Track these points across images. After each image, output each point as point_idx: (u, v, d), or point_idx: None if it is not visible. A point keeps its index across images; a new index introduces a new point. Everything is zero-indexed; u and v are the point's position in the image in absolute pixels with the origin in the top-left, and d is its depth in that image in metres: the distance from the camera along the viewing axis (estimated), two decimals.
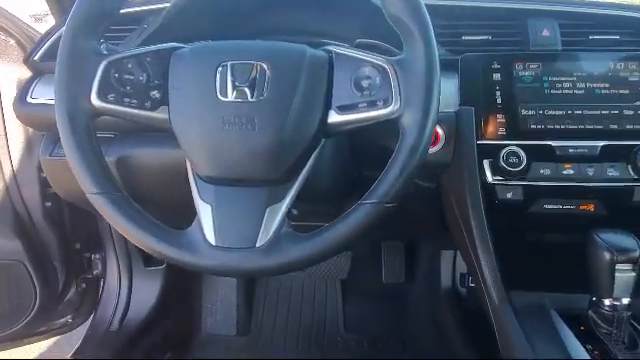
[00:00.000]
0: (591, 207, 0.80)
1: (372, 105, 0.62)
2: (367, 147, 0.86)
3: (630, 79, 0.81)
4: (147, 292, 1.42)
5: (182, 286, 1.52)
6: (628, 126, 0.78)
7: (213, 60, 0.63)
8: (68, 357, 1.32)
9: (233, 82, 0.62)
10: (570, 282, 0.75)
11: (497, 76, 0.82)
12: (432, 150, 0.82)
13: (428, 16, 0.62)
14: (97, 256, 1.43)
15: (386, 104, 0.61)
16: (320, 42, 1.05)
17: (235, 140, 0.61)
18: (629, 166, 0.76)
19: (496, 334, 0.74)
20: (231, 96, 0.61)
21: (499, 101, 0.81)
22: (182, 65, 0.64)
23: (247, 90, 0.61)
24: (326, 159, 0.80)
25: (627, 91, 0.80)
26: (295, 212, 1.05)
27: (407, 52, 0.63)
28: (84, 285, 1.40)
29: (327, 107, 0.64)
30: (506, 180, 0.78)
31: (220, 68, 0.62)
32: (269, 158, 0.62)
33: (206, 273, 0.64)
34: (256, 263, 0.60)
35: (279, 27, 1.04)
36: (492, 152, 0.78)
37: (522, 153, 0.77)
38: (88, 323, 1.42)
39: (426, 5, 0.90)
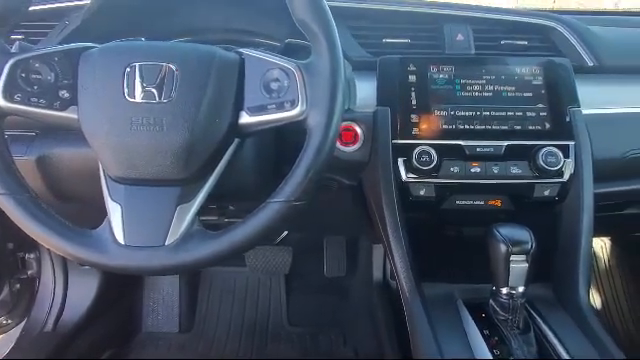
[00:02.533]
0: (498, 203, 0.85)
1: (280, 107, 0.64)
2: (291, 145, 0.89)
3: (534, 83, 0.86)
4: (84, 291, 1.40)
5: (121, 285, 1.51)
6: (530, 127, 0.84)
7: (121, 61, 0.63)
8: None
9: (141, 83, 0.62)
10: (478, 273, 0.80)
11: (412, 78, 0.86)
12: (351, 149, 0.86)
13: (333, 21, 0.65)
14: (31, 256, 1.40)
15: (293, 106, 0.64)
16: (250, 42, 1.07)
17: (144, 141, 0.62)
18: (530, 164, 0.82)
19: (407, 324, 0.79)
20: (139, 97, 0.62)
21: (414, 102, 0.85)
22: (90, 65, 0.64)
23: (155, 91, 0.62)
24: (247, 158, 0.82)
25: (531, 94, 0.86)
26: (232, 208, 1.07)
27: (313, 56, 0.65)
28: (18, 285, 1.38)
29: (238, 108, 0.66)
30: (419, 178, 0.82)
31: (128, 69, 0.63)
32: (178, 158, 0.63)
33: (115, 272, 0.65)
34: (164, 261, 0.62)
35: (208, 26, 1.05)
36: (406, 151, 0.81)
37: (433, 152, 0.81)
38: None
39: (350, 8, 0.95)
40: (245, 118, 0.66)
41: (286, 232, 1.58)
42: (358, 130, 0.85)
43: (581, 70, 0.89)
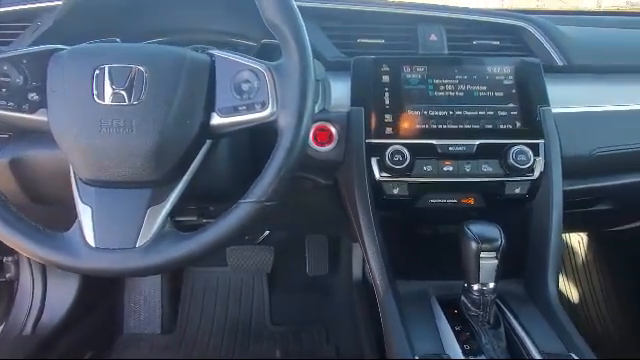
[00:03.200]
0: (471, 200, 0.87)
1: (251, 108, 0.65)
2: (266, 145, 0.89)
3: (505, 82, 0.88)
4: (63, 293, 1.39)
5: (102, 286, 1.50)
6: (501, 126, 0.85)
7: (90, 63, 0.63)
8: None
9: (110, 85, 0.62)
10: (451, 270, 0.81)
11: (386, 78, 0.87)
12: (326, 149, 0.86)
13: (302, 22, 0.66)
14: (9, 259, 1.39)
15: (264, 107, 0.64)
16: (227, 42, 1.07)
17: (113, 143, 0.62)
18: (501, 163, 0.83)
19: (381, 322, 0.80)
20: (108, 99, 0.62)
21: (387, 102, 0.86)
22: (59, 67, 0.64)
23: (124, 93, 0.62)
24: (222, 159, 0.82)
25: (502, 93, 0.87)
26: (212, 209, 1.07)
27: (283, 57, 0.66)
28: None
29: (209, 110, 0.66)
30: (392, 177, 0.83)
31: (97, 71, 0.63)
32: (149, 160, 0.63)
33: (87, 274, 0.65)
34: (134, 263, 0.62)
35: (184, 26, 1.05)
36: (379, 150, 0.82)
37: (406, 151, 0.81)
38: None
39: (324, 8, 0.95)
40: (216, 119, 0.66)
41: (267, 232, 1.59)
42: (333, 130, 0.86)
43: (551, 70, 0.91)
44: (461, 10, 0.96)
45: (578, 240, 1.80)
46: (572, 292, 1.74)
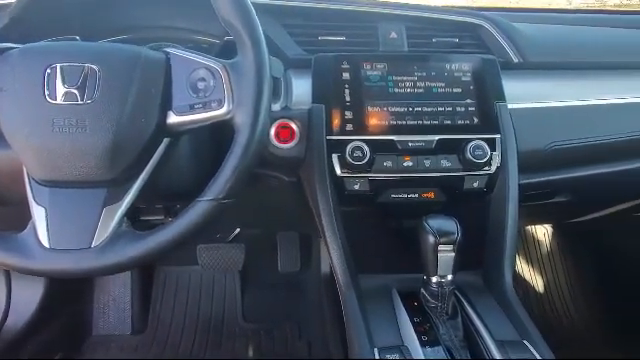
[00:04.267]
0: (432, 195, 0.89)
1: (207, 106, 0.65)
2: (230, 142, 0.89)
3: (463, 79, 0.90)
4: (28, 295, 1.36)
5: (69, 287, 1.48)
6: (459, 122, 0.87)
7: (41, 62, 0.62)
8: None
9: (62, 84, 0.62)
10: (413, 263, 0.83)
11: (346, 75, 0.88)
12: (288, 146, 0.87)
13: (257, 20, 0.66)
14: None
15: (220, 105, 0.65)
16: (190, 39, 1.07)
17: (67, 143, 0.62)
18: (459, 157, 0.85)
19: (344, 316, 0.81)
20: (60, 98, 0.62)
21: (348, 99, 0.87)
22: (10, 67, 0.63)
23: (77, 92, 0.62)
24: (183, 156, 0.82)
25: (460, 90, 0.89)
26: (179, 206, 1.07)
27: (239, 55, 0.66)
28: None
29: (165, 108, 0.66)
30: (353, 173, 0.84)
31: (49, 70, 0.62)
32: (103, 160, 0.63)
33: (41, 276, 0.64)
34: (90, 263, 0.62)
35: (146, 24, 1.04)
36: (340, 147, 0.83)
37: (366, 147, 0.83)
38: None
39: (285, 6, 0.96)
40: (173, 118, 0.66)
41: (238, 229, 1.59)
42: (294, 127, 0.86)
43: (507, 66, 0.93)
44: (421, 8, 0.98)
45: (543, 232, 1.86)
46: (538, 282, 1.79)
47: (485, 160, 0.84)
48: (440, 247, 0.74)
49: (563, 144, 0.92)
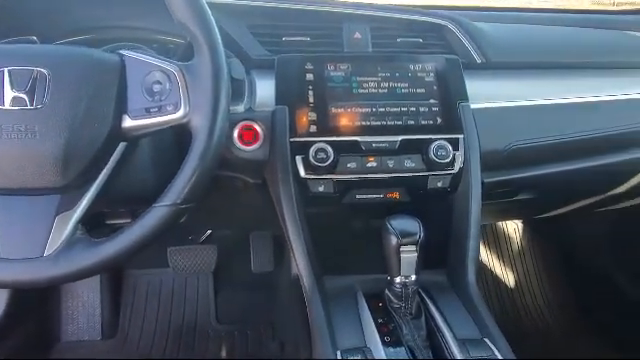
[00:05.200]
0: (396, 195, 0.89)
1: (163, 110, 0.64)
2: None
3: (426, 79, 0.90)
4: None
5: (35, 294, 1.44)
6: (423, 122, 0.88)
7: None
8: None
9: (10, 89, 0.60)
10: (379, 264, 0.83)
11: (310, 76, 0.88)
12: (252, 148, 0.86)
13: (213, 22, 0.65)
14: None
15: (176, 109, 0.64)
16: (154, 39, 1.05)
17: (16, 149, 0.60)
18: (423, 158, 0.86)
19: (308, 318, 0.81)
20: (8, 104, 0.60)
21: (311, 100, 0.86)
22: None
23: (26, 97, 0.60)
24: (144, 160, 0.80)
25: (423, 90, 0.89)
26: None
27: (195, 58, 0.65)
28: None
29: (120, 112, 0.64)
30: (317, 174, 0.83)
31: None
32: (55, 166, 0.61)
33: None
34: (43, 273, 0.60)
35: (108, 24, 1.01)
36: (303, 149, 0.83)
37: (330, 149, 0.82)
38: None
39: (249, 6, 0.95)
40: (128, 122, 0.65)
41: (209, 231, 1.57)
42: (258, 129, 0.86)
43: (470, 66, 0.94)
44: (385, 8, 0.98)
45: (514, 228, 1.89)
46: (509, 277, 1.82)
47: (448, 160, 0.85)
48: (402, 248, 0.75)
49: (525, 143, 0.93)
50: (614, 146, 1.00)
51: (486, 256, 1.84)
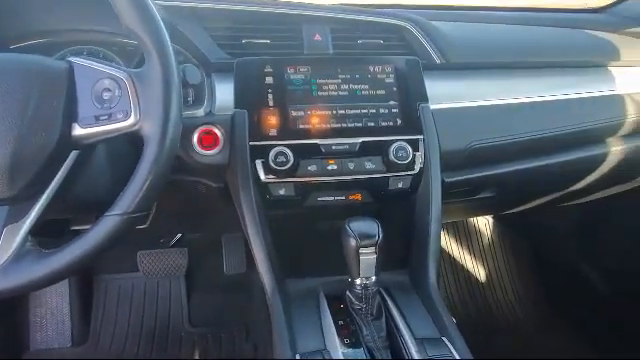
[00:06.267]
0: (358, 196, 0.90)
1: (113, 118, 0.63)
2: None
3: (386, 81, 0.91)
4: None
5: (2, 303, 1.41)
6: (383, 123, 0.88)
7: None
8: None
9: None
10: (341, 266, 0.84)
11: (269, 79, 0.87)
12: (212, 152, 0.86)
13: (163, 27, 0.64)
14: None
15: (126, 116, 0.63)
16: (115, 42, 1.03)
17: None
18: (383, 159, 0.86)
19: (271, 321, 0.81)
20: None
21: (271, 103, 0.86)
22: None
23: None
24: (99, 168, 0.79)
25: (383, 92, 0.90)
26: None
27: (145, 64, 0.64)
28: None
29: (69, 120, 0.63)
30: (277, 178, 0.83)
31: None
32: (1, 177, 0.59)
33: None
34: None
35: (63, 27, 0.99)
36: (263, 152, 0.83)
37: (289, 152, 0.82)
38: None
39: (207, 8, 0.94)
40: (78, 130, 0.64)
41: (179, 235, 1.56)
42: (218, 133, 0.85)
43: (430, 67, 0.95)
44: (345, 10, 0.98)
45: (485, 223, 1.92)
46: (481, 273, 1.85)
47: (408, 161, 0.85)
48: (362, 250, 0.75)
49: (484, 142, 0.95)
50: (571, 144, 1.02)
51: (458, 252, 1.86)
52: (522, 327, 1.71)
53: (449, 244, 1.87)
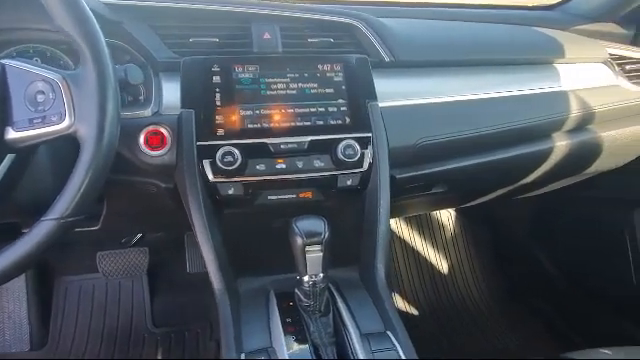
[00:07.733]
0: (309, 194, 0.90)
1: (47, 120, 0.62)
2: None
3: (335, 79, 0.91)
4: None
5: None
6: (331, 122, 0.89)
7: None
8: None
9: None
10: (291, 264, 0.84)
11: (217, 79, 0.87)
12: (159, 153, 0.85)
13: (97, 28, 0.63)
14: None
15: (60, 119, 0.62)
16: (62, 41, 1.01)
17: None
18: (332, 157, 0.87)
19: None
20: None
21: (218, 103, 0.86)
22: None
23: None
24: (41, 171, 0.78)
25: (332, 90, 0.91)
26: None
27: (80, 66, 0.63)
28: None
29: (3, 123, 0.62)
30: (225, 178, 0.83)
31: None
32: None
33: None
34: None
35: (9, 26, 0.97)
36: (210, 152, 0.82)
37: (237, 152, 0.82)
38: None
39: (153, 7, 0.92)
40: (12, 134, 0.63)
41: (140, 234, 1.54)
42: (165, 133, 0.85)
43: (379, 65, 0.96)
44: (294, 8, 0.98)
45: (447, 216, 1.96)
46: (443, 266, 1.88)
47: (356, 159, 0.86)
48: (308, 248, 0.76)
49: (433, 139, 0.96)
50: (516, 140, 1.05)
51: (421, 245, 1.89)
52: (483, 318, 1.75)
53: (413, 238, 1.90)
